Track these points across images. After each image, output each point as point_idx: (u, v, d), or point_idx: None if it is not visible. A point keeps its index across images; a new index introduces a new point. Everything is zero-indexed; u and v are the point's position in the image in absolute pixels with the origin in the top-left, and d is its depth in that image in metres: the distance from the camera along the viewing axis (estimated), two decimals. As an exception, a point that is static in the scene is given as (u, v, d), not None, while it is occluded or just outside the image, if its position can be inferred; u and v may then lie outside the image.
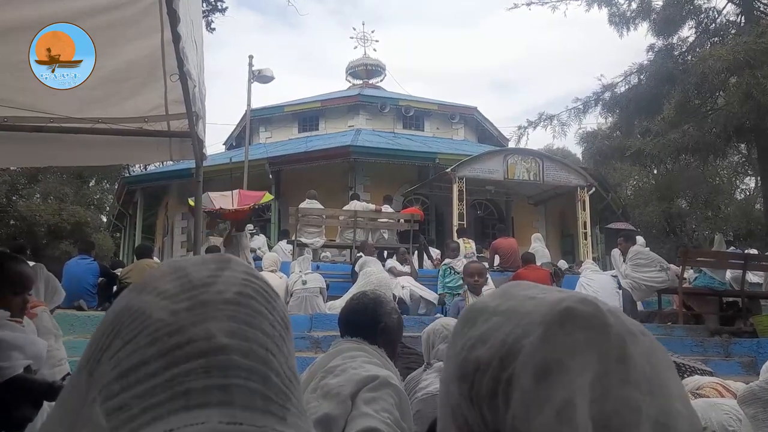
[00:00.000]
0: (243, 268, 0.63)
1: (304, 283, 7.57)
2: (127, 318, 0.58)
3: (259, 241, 11.78)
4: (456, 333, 0.62)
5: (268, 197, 11.15)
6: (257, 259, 9.76)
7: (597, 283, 8.09)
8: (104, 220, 25.23)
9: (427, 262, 11.04)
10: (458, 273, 7.73)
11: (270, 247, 11.34)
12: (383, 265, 8.48)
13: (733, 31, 15.45)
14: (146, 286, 0.60)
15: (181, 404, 0.53)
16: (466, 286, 6.07)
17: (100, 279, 7.56)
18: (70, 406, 0.57)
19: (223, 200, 9.71)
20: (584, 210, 13.73)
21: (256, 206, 10.64)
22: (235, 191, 10.24)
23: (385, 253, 10.45)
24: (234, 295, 0.59)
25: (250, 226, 12.47)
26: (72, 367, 2.12)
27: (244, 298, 0.59)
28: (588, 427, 0.48)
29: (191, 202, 10.32)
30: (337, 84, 40.14)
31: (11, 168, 19.57)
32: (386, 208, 11.51)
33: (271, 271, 7.85)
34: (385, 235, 11.36)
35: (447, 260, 8.50)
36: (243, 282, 0.60)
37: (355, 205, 11.37)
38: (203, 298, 0.58)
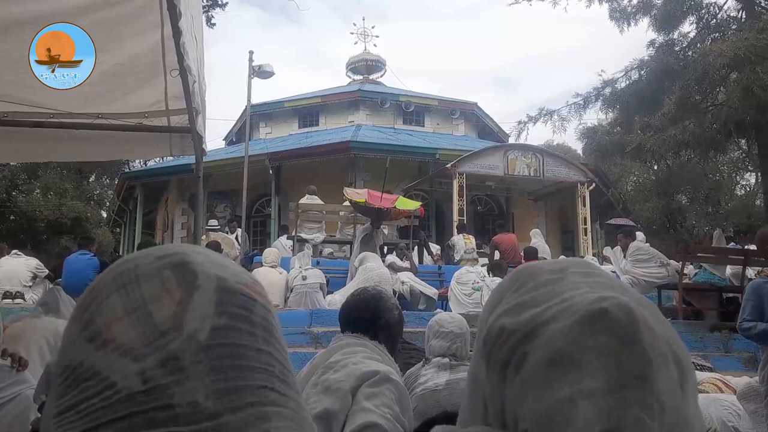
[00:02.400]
0: (211, 282, 0.53)
1: (304, 278, 7.58)
2: (84, 372, 0.49)
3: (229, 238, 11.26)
4: (501, 291, 0.60)
5: (408, 205, 10.00)
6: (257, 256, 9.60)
7: (597, 278, 8.05)
8: (104, 215, 25.22)
9: (426, 258, 11.04)
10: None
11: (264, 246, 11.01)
12: (383, 261, 8.48)
13: (734, 27, 15.40)
14: (100, 332, 0.50)
15: None
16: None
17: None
18: None
19: (357, 196, 9.30)
20: (584, 206, 13.73)
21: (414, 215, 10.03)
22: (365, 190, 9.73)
23: (385, 248, 10.45)
24: (209, 335, 0.51)
25: (213, 222, 12.24)
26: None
27: (221, 335, 0.51)
28: (590, 428, 0.48)
29: (354, 197, 9.58)
30: (338, 79, 40.02)
31: (11, 163, 19.55)
32: (386, 204, 11.48)
33: (272, 267, 7.87)
34: (385, 231, 11.35)
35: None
36: (216, 309, 0.52)
37: (355, 200, 11.35)
38: (174, 348, 0.49)
